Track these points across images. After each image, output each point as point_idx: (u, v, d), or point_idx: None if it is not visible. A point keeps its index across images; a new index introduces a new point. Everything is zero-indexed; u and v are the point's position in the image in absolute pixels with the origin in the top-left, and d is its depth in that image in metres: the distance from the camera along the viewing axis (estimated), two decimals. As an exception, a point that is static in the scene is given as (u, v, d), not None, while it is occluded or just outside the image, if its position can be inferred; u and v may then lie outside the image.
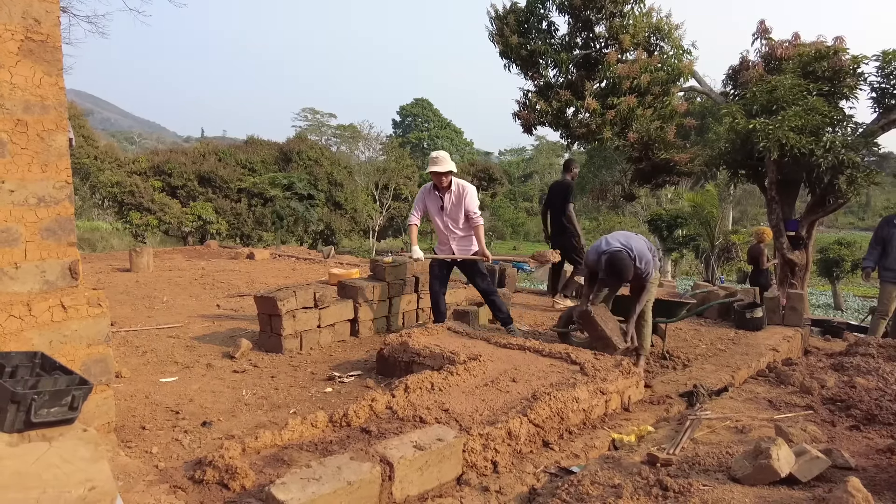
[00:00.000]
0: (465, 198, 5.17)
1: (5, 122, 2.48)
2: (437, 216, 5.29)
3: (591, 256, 4.60)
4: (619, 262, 4.34)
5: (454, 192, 5.17)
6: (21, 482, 1.17)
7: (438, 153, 5.15)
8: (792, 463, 2.38)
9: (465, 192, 5.18)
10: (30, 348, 2.38)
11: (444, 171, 5.03)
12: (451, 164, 5.10)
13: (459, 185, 5.18)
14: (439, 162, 5.06)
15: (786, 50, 9.84)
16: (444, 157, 5.11)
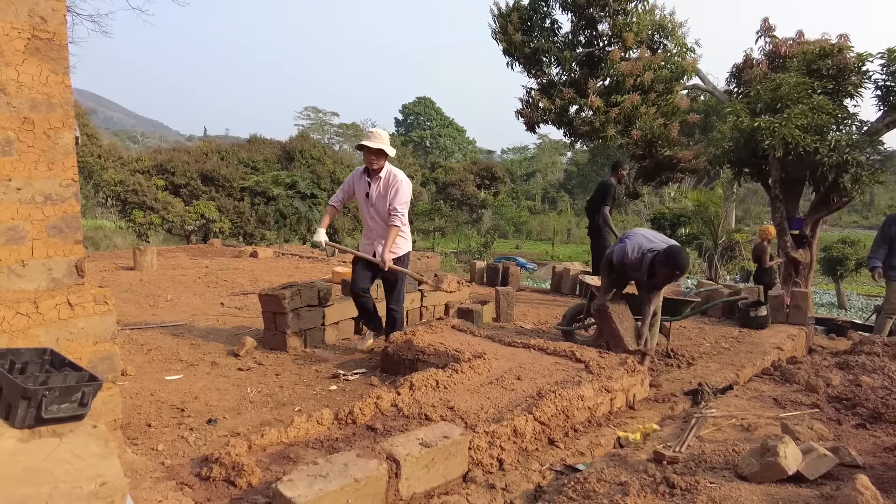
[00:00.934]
0: (393, 189, 4.48)
1: (12, 121, 2.49)
2: (363, 205, 4.68)
3: (632, 255, 4.39)
4: (681, 257, 4.18)
5: (384, 180, 4.51)
6: (33, 477, 1.17)
7: (377, 129, 4.55)
8: (799, 461, 2.37)
9: (396, 183, 4.49)
10: (37, 345, 2.39)
11: (376, 148, 4.36)
12: (388, 145, 4.43)
13: (391, 174, 4.52)
14: (373, 137, 4.41)
15: (790, 48, 9.80)
16: (381, 134, 4.48)
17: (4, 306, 2.45)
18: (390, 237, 4.50)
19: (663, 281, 4.40)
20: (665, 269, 4.23)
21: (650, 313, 4.55)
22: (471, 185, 41.80)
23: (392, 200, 4.47)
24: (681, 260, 4.19)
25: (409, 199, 4.58)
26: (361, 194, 4.63)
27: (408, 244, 4.79)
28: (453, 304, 6.56)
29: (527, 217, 50.46)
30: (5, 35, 2.46)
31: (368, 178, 4.56)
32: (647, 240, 4.42)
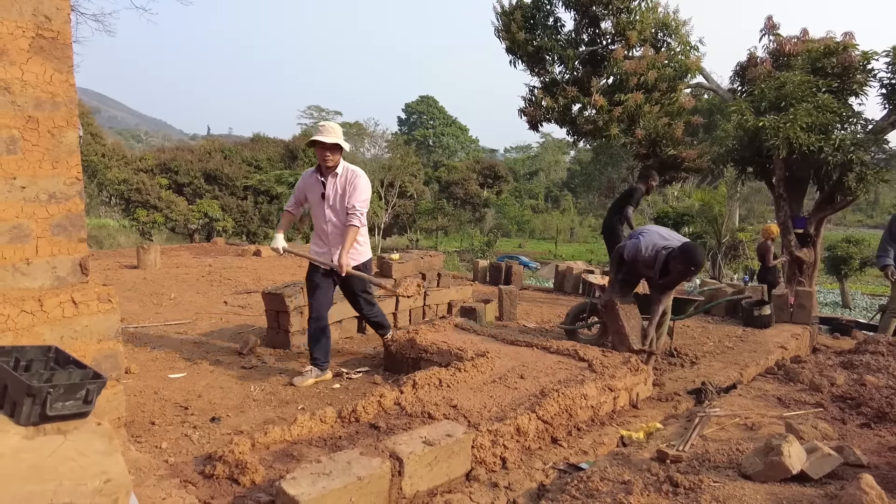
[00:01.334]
0: (352, 186, 4.06)
1: (17, 119, 2.49)
2: (316, 207, 4.19)
3: (645, 253, 4.34)
4: (696, 253, 4.13)
5: (341, 178, 4.09)
6: (38, 475, 1.17)
7: (328, 122, 4.12)
8: (803, 460, 2.36)
9: (355, 179, 4.08)
10: (42, 343, 2.40)
11: (331, 143, 3.95)
12: (342, 139, 4.03)
13: (348, 170, 4.11)
14: (325, 131, 3.98)
15: (794, 46, 9.76)
16: (334, 127, 4.07)
17: (9, 304, 2.46)
18: (349, 238, 4.02)
19: (678, 278, 4.34)
20: (681, 265, 4.17)
21: (659, 312, 4.48)
22: (474, 183, 41.79)
23: (351, 198, 4.04)
24: (697, 256, 4.15)
25: (369, 196, 4.14)
26: (316, 196, 4.16)
27: (368, 251, 4.33)
28: (456, 302, 6.56)
29: (530, 216, 50.42)
30: (10, 34, 2.46)
31: (322, 178, 4.11)
32: (662, 237, 4.37)
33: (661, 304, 4.49)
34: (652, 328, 4.50)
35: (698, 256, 4.15)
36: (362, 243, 4.25)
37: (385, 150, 41.62)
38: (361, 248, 4.25)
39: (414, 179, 38.34)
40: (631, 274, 4.61)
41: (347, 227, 4.05)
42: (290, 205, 4.35)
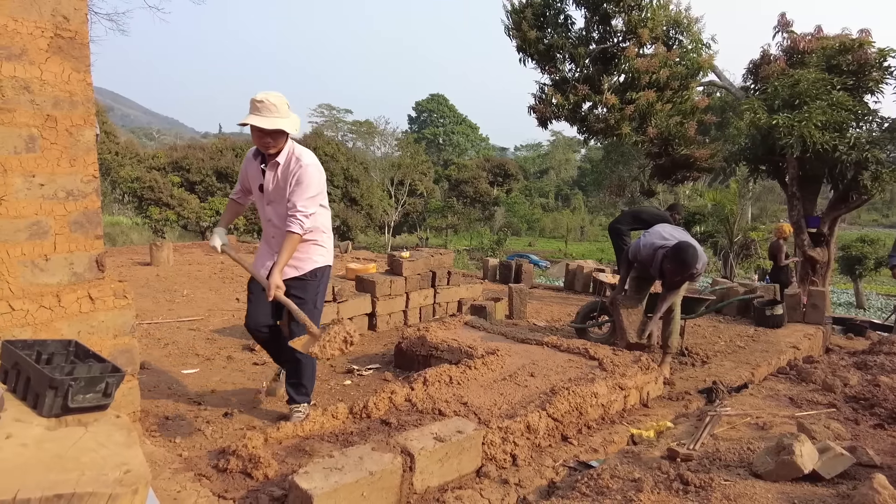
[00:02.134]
0: (294, 177, 3.08)
1: (36, 118, 2.54)
2: (257, 201, 3.33)
3: (644, 252, 4.32)
4: (687, 253, 4.04)
5: (283, 168, 3.12)
6: (61, 464, 1.21)
7: (267, 95, 2.99)
8: (815, 459, 2.36)
9: (300, 171, 3.08)
10: (59, 338, 2.44)
11: (270, 130, 2.99)
12: (286, 120, 3.03)
13: (293, 157, 3.12)
14: (264, 109, 2.97)
15: (808, 43, 9.67)
16: (275, 102, 3.00)
17: (29, 299, 2.51)
18: (285, 250, 3.05)
19: (671, 276, 4.24)
20: (670, 264, 4.10)
21: (662, 310, 4.44)
22: (483, 182, 41.76)
23: (293, 195, 3.07)
24: (686, 256, 4.03)
25: (321, 191, 3.20)
26: (254, 186, 3.28)
27: (326, 255, 3.36)
28: (466, 300, 6.58)
29: (540, 214, 50.29)
30: (29, 34, 2.50)
31: (263, 165, 3.19)
32: (661, 236, 4.32)
33: (664, 302, 4.43)
34: (652, 324, 4.46)
35: (687, 256, 4.04)
36: (321, 244, 3.32)
37: (395, 148, 41.70)
38: (314, 252, 3.28)
39: (424, 178, 38.37)
40: (645, 272, 4.57)
41: (287, 234, 3.07)
42: (236, 192, 3.44)
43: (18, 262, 2.55)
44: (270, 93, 3.01)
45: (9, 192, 2.50)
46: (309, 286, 3.25)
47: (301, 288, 3.21)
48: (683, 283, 4.40)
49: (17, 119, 2.50)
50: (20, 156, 2.52)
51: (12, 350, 1.46)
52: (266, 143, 3.06)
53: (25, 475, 1.15)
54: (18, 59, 2.49)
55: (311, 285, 3.25)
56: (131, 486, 1.18)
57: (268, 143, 3.05)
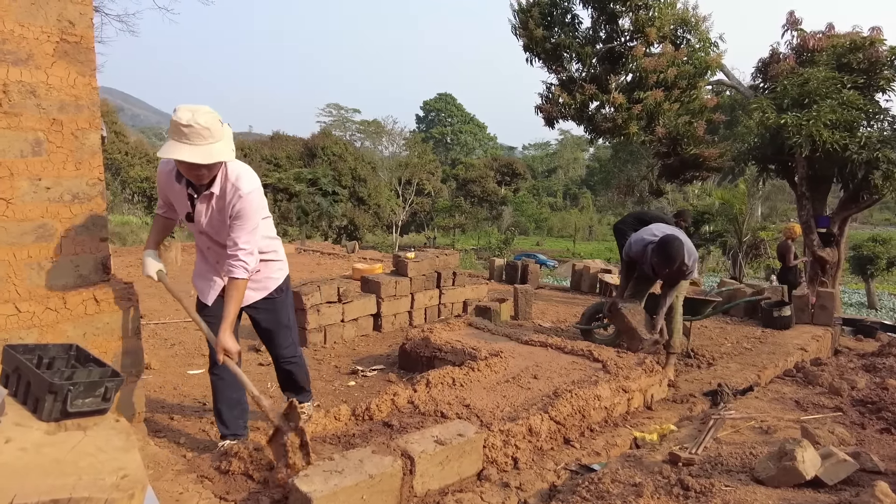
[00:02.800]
0: (235, 211, 2.58)
1: (42, 122, 2.56)
2: (184, 217, 2.78)
3: (634, 248, 4.26)
4: (672, 246, 3.94)
5: (218, 198, 2.61)
6: (59, 468, 1.22)
7: (194, 116, 2.37)
8: (818, 465, 2.34)
9: (240, 202, 2.57)
10: (65, 340, 2.47)
11: (201, 165, 2.43)
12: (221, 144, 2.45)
13: (228, 184, 2.59)
14: (193, 136, 2.37)
15: (818, 41, 9.58)
16: (207, 125, 2.38)
17: (35, 301, 2.54)
18: (232, 301, 2.62)
19: (659, 270, 4.15)
20: (656, 258, 4.00)
21: (664, 305, 4.37)
22: (491, 181, 41.74)
23: (233, 231, 2.60)
24: (671, 249, 3.92)
25: (261, 220, 2.72)
26: (180, 212, 2.76)
27: (284, 265, 3.03)
28: (471, 301, 6.58)
29: (548, 214, 50.17)
30: (35, 39, 2.53)
31: (192, 191, 2.64)
32: (651, 233, 4.23)
33: (665, 298, 4.37)
34: (659, 319, 4.38)
35: (672, 250, 3.92)
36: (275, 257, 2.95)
37: (403, 147, 41.75)
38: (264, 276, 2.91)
39: (431, 177, 38.42)
40: (642, 275, 4.53)
41: (227, 283, 2.67)
42: (161, 207, 2.91)
43: (25, 264, 2.58)
44: (198, 110, 2.39)
45: (15, 195, 2.52)
46: (279, 304, 2.99)
47: (272, 311, 2.97)
48: (679, 280, 4.33)
49: (23, 123, 2.53)
50: (27, 159, 2.55)
51: (13, 354, 1.48)
52: (200, 176, 2.51)
53: (24, 479, 1.17)
54: (25, 64, 2.52)
55: (279, 303, 2.99)
56: (128, 491, 1.20)
57: (202, 175, 2.51)
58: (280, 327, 3.02)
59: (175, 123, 2.38)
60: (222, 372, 2.81)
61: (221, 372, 2.82)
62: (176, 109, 2.42)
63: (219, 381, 2.90)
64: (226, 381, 2.87)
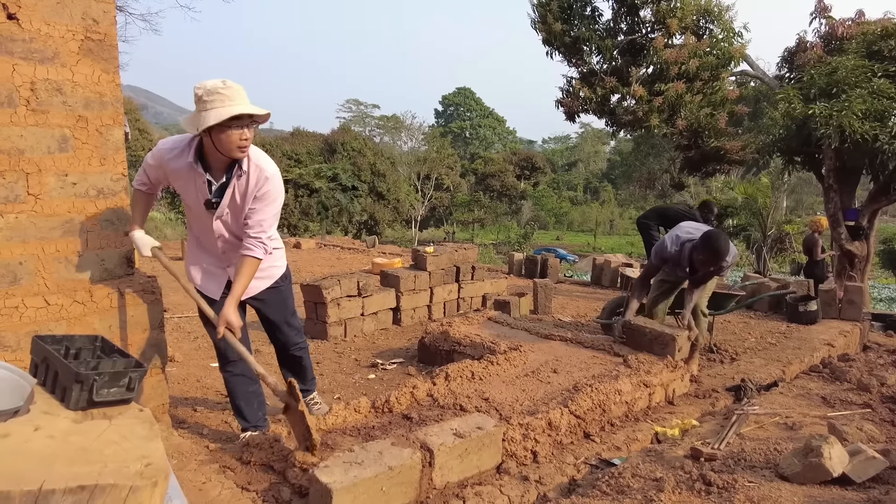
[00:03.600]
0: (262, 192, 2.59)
1: (68, 119, 2.62)
2: (196, 213, 2.71)
3: (671, 249, 4.07)
4: (719, 241, 3.79)
5: (248, 179, 2.57)
6: (85, 456, 1.25)
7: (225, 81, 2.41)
8: (845, 462, 2.29)
9: (266, 183, 2.59)
10: (91, 332, 2.52)
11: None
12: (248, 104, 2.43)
13: (253, 164, 2.57)
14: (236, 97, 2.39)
15: (848, 29, 9.32)
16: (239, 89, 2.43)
17: (63, 294, 2.59)
18: (244, 276, 2.61)
19: (701, 269, 4.04)
20: (701, 255, 3.88)
21: (692, 301, 4.25)
22: (510, 175, 41.57)
23: (257, 213, 2.60)
24: (718, 245, 3.80)
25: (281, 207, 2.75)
26: (193, 197, 2.64)
27: (283, 255, 3.01)
28: (490, 295, 6.56)
29: (568, 208, 49.82)
30: (61, 37, 2.58)
31: (206, 172, 2.56)
32: (687, 231, 4.15)
33: (693, 295, 4.26)
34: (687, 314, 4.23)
35: (719, 245, 3.80)
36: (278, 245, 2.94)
37: (422, 142, 41.77)
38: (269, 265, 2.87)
39: (450, 172, 38.40)
40: (672, 276, 4.37)
41: (242, 259, 2.62)
42: (143, 183, 2.75)
43: (53, 258, 2.64)
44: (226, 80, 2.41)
45: (43, 190, 2.58)
46: (285, 293, 3.01)
47: (279, 300, 2.97)
48: (710, 278, 4.27)
49: (50, 120, 2.58)
50: (53, 155, 2.60)
51: (42, 345, 1.52)
52: (245, 144, 2.46)
53: (51, 466, 1.20)
54: (51, 62, 2.57)
55: (285, 291, 3.01)
56: (151, 479, 1.22)
57: (246, 142, 2.46)
58: (288, 315, 3.06)
59: (212, 90, 2.37)
60: (234, 368, 2.85)
61: (233, 368, 2.86)
62: (200, 83, 2.43)
63: (232, 378, 2.92)
64: (239, 376, 2.89)
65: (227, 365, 2.90)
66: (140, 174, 2.75)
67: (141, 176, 2.75)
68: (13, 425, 1.33)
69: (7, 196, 2.48)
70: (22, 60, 2.46)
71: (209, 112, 2.37)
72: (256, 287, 2.84)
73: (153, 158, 2.67)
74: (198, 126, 2.40)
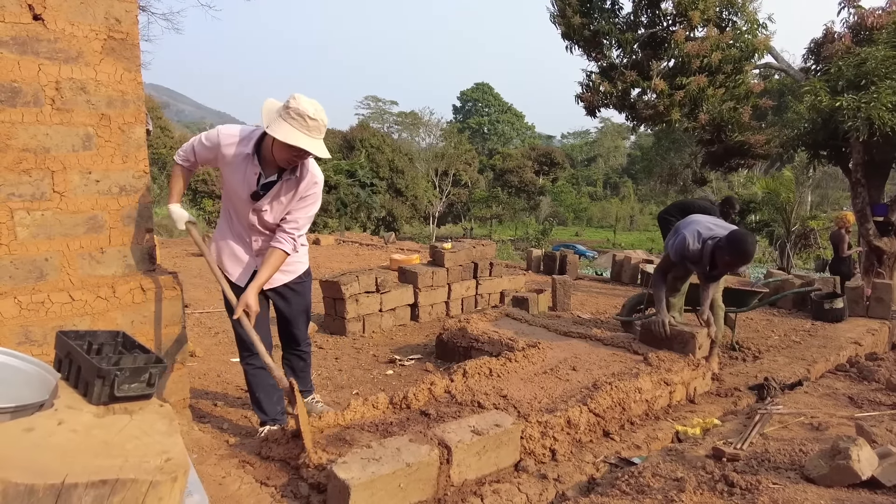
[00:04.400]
0: (309, 196, 2.82)
1: (91, 117, 2.65)
2: (238, 199, 2.84)
3: (693, 246, 3.93)
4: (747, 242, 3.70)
5: (297, 182, 2.78)
6: (107, 450, 1.26)
7: (318, 112, 2.61)
8: (874, 465, 2.23)
9: (313, 189, 2.82)
10: (114, 327, 2.56)
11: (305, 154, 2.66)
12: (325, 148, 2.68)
13: (306, 171, 2.79)
14: (314, 130, 2.59)
15: (878, 18, 9.07)
16: (325, 123, 2.64)
17: (87, 290, 2.64)
18: (270, 267, 2.76)
19: (724, 270, 3.97)
20: (728, 256, 3.78)
21: (709, 297, 4.16)
22: (529, 171, 41.34)
23: (297, 211, 2.81)
24: (746, 246, 3.72)
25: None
26: (243, 184, 2.77)
27: (306, 252, 3.13)
28: (508, 292, 6.54)
29: (587, 203, 49.42)
30: (85, 37, 2.61)
31: (261, 164, 2.74)
32: (707, 227, 4.02)
33: (709, 291, 4.16)
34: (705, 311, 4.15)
35: (747, 246, 3.71)
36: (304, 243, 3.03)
37: (440, 138, 41.73)
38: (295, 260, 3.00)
39: (468, 168, 38.32)
40: (681, 270, 4.31)
41: (271, 251, 2.78)
42: (188, 161, 2.90)
43: (77, 254, 2.68)
44: (318, 106, 2.61)
45: (68, 188, 2.63)
46: (305, 288, 3.15)
47: (300, 294, 3.10)
48: (724, 274, 4.15)
49: (74, 119, 2.62)
50: (78, 153, 2.64)
51: (65, 340, 1.54)
52: (294, 161, 2.69)
53: (75, 460, 1.21)
54: (75, 62, 2.60)
55: (306, 287, 3.15)
56: (171, 474, 1.23)
57: (296, 161, 2.70)
58: (306, 311, 3.18)
59: (301, 113, 2.55)
60: (256, 360, 2.89)
61: (255, 361, 2.91)
62: (297, 98, 2.59)
63: (253, 371, 3.00)
64: (260, 369, 2.94)
65: (248, 357, 2.98)
66: (187, 151, 2.88)
67: (188, 153, 2.88)
68: (38, 419, 1.36)
69: (33, 193, 2.53)
70: (47, 60, 2.50)
71: (284, 126, 2.55)
72: (279, 280, 2.97)
73: (209, 140, 2.81)
74: (268, 125, 2.58)
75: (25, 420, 1.34)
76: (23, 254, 2.53)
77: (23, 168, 2.49)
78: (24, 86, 2.46)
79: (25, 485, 1.11)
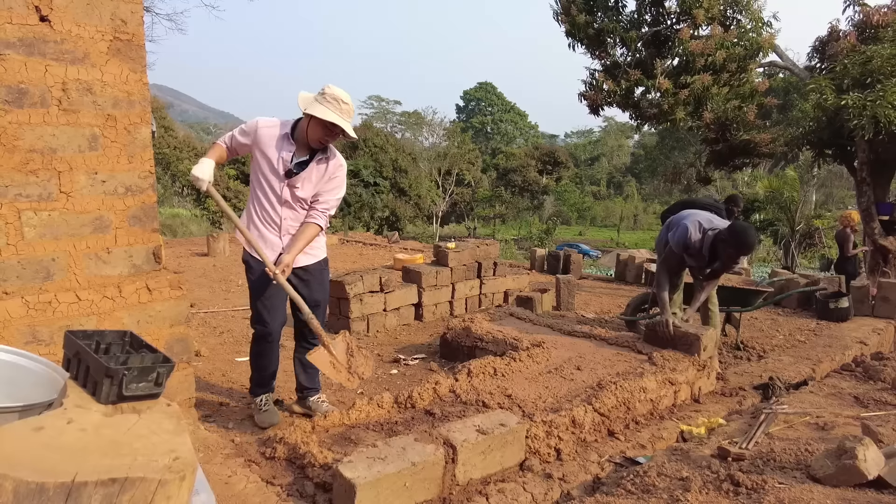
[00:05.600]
0: (335, 178, 3.11)
1: (97, 118, 2.66)
2: (271, 180, 3.05)
3: (695, 235, 3.91)
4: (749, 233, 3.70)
5: (327, 163, 3.07)
6: (116, 449, 1.27)
7: (347, 97, 2.95)
8: (881, 465, 2.22)
9: (339, 171, 3.12)
10: (120, 327, 2.57)
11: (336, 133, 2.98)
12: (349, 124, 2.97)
13: (336, 157, 3.12)
14: (345, 113, 2.93)
15: (884, 16, 9.02)
16: (353, 107, 3.01)
17: (93, 290, 2.65)
18: (303, 238, 3.03)
19: (727, 262, 3.93)
20: (730, 248, 3.75)
21: (704, 297, 4.13)
22: (532, 170, 41.28)
23: (327, 192, 3.08)
24: (747, 237, 3.71)
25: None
26: (275, 166, 3.03)
27: (323, 238, 3.30)
28: (512, 291, 6.54)
29: (591, 203, 49.31)
30: (91, 38, 2.62)
31: (296, 146, 3.02)
32: (707, 219, 3.99)
33: (704, 291, 4.15)
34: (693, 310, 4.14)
35: (749, 237, 3.70)
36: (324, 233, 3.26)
37: (443, 138, 41.70)
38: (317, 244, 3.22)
39: (471, 167, 38.28)
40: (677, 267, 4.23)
41: (306, 224, 3.06)
42: (228, 144, 3.14)
43: (84, 254, 2.69)
44: (349, 95, 2.96)
45: (74, 188, 2.64)
46: (324, 274, 3.33)
47: (319, 277, 3.25)
48: (726, 271, 4.13)
49: (80, 119, 2.63)
50: (84, 154, 2.65)
51: (74, 340, 1.55)
52: (327, 141, 3.00)
53: (84, 459, 1.22)
54: (82, 63, 2.61)
55: (325, 272, 3.33)
56: (179, 473, 1.24)
57: (328, 141, 3.01)
58: (324, 301, 3.34)
59: (336, 97, 2.90)
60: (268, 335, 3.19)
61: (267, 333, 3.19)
62: (331, 86, 2.94)
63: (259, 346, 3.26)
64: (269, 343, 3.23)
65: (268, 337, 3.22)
66: (225, 139, 3.17)
67: (226, 140, 3.16)
68: (47, 418, 1.36)
69: (40, 194, 2.54)
70: (54, 61, 2.51)
71: (320, 106, 2.89)
72: (304, 260, 3.16)
73: (243, 133, 3.11)
74: (306, 107, 2.91)
75: (35, 419, 1.35)
76: (30, 254, 2.54)
77: (30, 169, 2.50)
78: (31, 87, 2.47)
79: (36, 483, 1.12)
